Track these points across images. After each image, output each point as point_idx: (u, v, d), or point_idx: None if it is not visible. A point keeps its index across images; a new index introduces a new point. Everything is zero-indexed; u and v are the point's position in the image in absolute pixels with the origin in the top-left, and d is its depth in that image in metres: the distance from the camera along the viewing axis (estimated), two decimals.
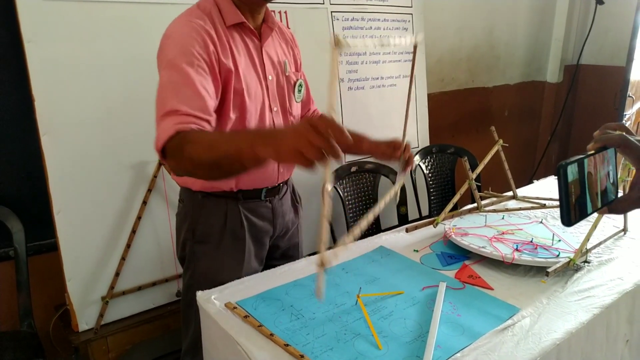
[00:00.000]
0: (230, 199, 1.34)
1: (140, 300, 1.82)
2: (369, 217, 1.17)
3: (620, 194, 0.79)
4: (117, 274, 1.73)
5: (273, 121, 1.35)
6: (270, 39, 1.34)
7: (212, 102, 1.13)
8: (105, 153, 1.70)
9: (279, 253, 1.54)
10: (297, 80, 1.41)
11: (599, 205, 0.76)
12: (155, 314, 1.83)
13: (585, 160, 0.73)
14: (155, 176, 1.77)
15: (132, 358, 1.93)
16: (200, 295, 1.21)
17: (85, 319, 1.71)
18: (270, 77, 1.33)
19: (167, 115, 1.06)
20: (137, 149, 1.75)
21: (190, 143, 0.99)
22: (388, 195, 1.39)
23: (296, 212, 1.56)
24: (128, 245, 1.74)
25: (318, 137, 0.77)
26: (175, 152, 1.02)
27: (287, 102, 1.38)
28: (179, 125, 1.03)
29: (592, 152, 0.75)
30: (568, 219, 0.71)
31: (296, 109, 1.44)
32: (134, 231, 1.74)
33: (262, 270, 1.42)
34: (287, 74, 1.38)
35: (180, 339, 1.46)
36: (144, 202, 1.76)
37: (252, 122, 1.29)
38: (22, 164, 1.77)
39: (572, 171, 0.70)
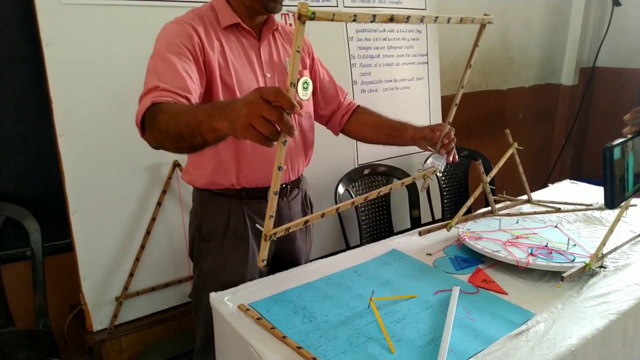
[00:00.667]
0: (234, 198, 1.35)
1: (154, 301, 1.83)
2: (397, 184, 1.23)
3: None
4: (131, 275, 1.75)
5: None
6: (269, 39, 1.37)
7: (193, 85, 1.14)
8: (121, 155, 1.72)
9: (282, 254, 1.50)
10: (301, 77, 1.40)
11: (636, 186, 0.77)
12: (168, 314, 1.84)
13: (629, 143, 0.73)
14: (169, 178, 1.78)
15: (146, 358, 1.95)
16: (213, 296, 1.21)
17: (99, 319, 1.73)
18: (268, 75, 1.35)
19: (147, 93, 1.09)
20: (152, 151, 1.72)
21: (161, 113, 1.00)
22: (421, 174, 1.38)
23: None
24: (142, 246, 1.76)
25: (269, 109, 0.77)
26: (149, 123, 1.03)
27: None
28: (155, 98, 1.05)
29: (631, 135, 0.76)
30: (612, 201, 0.73)
31: (304, 106, 1.43)
32: (148, 232, 1.76)
33: (269, 271, 1.43)
34: (288, 72, 1.38)
35: (192, 340, 1.47)
36: (159, 204, 1.77)
37: None
38: (39, 165, 1.80)
39: (616, 153, 0.71)
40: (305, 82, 1.41)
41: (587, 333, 1.05)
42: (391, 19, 0.89)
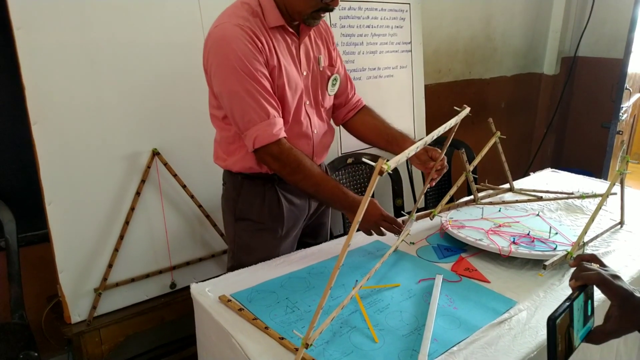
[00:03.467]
0: (267, 181, 1.43)
1: (134, 292, 1.80)
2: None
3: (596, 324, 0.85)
4: (110, 266, 1.71)
5: (307, 114, 1.43)
6: (306, 36, 1.41)
7: (277, 102, 1.32)
8: (98, 143, 1.67)
9: (309, 230, 1.62)
10: (332, 75, 1.48)
11: (581, 337, 0.82)
12: (148, 306, 1.81)
13: (574, 304, 0.78)
14: (148, 167, 1.74)
15: (126, 350, 1.92)
16: (194, 287, 1.19)
17: (77, 311, 1.69)
18: (304, 73, 1.40)
19: (261, 119, 1.27)
20: (130, 139, 1.72)
21: (302, 174, 1.30)
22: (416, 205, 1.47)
23: None
24: (121, 237, 1.72)
25: (388, 226, 1.34)
26: (285, 166, 1.30)
27: (320, 95, 1.46)
28: (279, 132, 1.29)
29: (577, 292, 0.81)
30: None
31: (328, 101, 1.50)
32: (127, 222, 1.72)
33: (296, 249, 1.53)
34: (321, 69, 1.44)
35: (173, 330, 1.46)
36: (137, 193, 1.73)
37: (290, 115, 1.38)
38: (13, 153, 1.74)
39: (560, 320, 0.75)
40: (335, 79, 1.49)
41: None
42: None
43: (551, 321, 0.75)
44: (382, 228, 1.33)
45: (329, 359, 0.94)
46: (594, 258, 0.89)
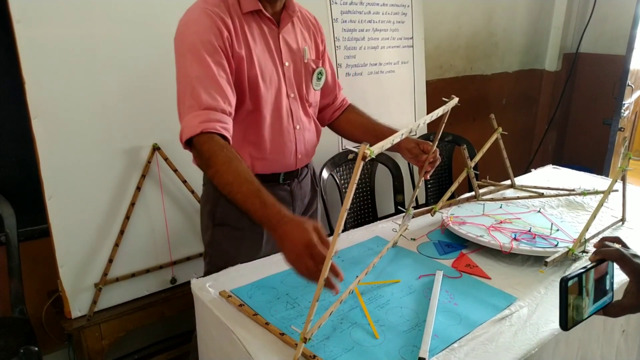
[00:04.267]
0: None
1: (134, 287, 1.80)
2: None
3: (615, 298, 0.89)
4: (110, 261, 1.71)
5: (290, 108, 1.37)
6: (289, 25, 1.35)
7: (230, 92, 1.20)
8: (98, 137, 1.66)
9: None
10: (317, 68, 1.42)
11: (595, 309, 0.87)
12: (148, 301, 1.81)
13: (586, 274, 0.83)
14: (149, 162, 1.74)
15: (126, 345, 1.92)
16: (194, 282, 1.19)
17: (78, 306, 1.69)
18: (287, 64, 1.34)
19: (192, 108, 1.13)
20: (131, 133, 1.72)
21: (214, 169, 1.08)
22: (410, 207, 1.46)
23: (315, 195, 1.57)
24: (121, 232, 1.72)
25: (312, 264, 0.89)
26: (201, 160, 1.12)
27: (304, 89, 1.40)
28: (204, 125, 1.11)
29: (593, 264, 0.85)
30: (565, 324, 0.82)
31: (313, 97, 1.45)
32: (127, 217, 1.72)
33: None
34: (305, 61, 1.39)
35: (174, 326, 1.45)
36: (138, 188, 1.73)
37: (268, 107, 1.30)
38: (13, 147, 1.74)
39: (571, 282, 0.81)
40: (320, 73, 1.43)
41: None
42: None
43: (563, 282, 0.80)
44: (308, 269, 0.90)
45: (329, 355, 0.94)
46: (617, 240, 0.92)
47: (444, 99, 1.33)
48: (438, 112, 1.26)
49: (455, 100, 1.33)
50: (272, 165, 1.37)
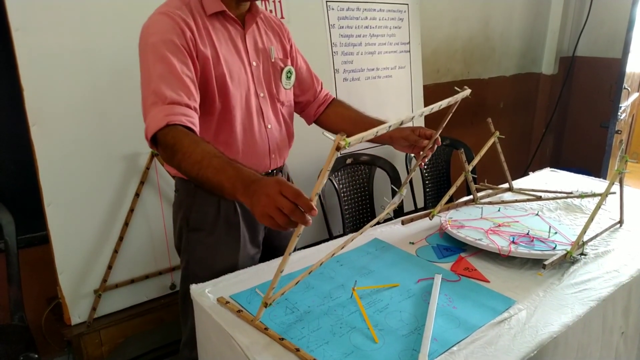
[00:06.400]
0: None
1: (134, 294, 1.80)
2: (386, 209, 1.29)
3: None
4: (109, 267, 1.71)
5: (260, 107, 1.36)
6: (254, 26, 1.35)
7: (194, 89, 1.18)
8: (97, 144, 1.67)
9: (275, 233, 1.49)
10: (285, 67, 1.41)
11: None
12: (148, 307, 1.81)
13: None
14: (147, 168, 1.74)
15: (125, 351, 1.92)
16: (194, 288, 1.19)
17: (77, 312, 1.69)
18: (254, 63, 1.34)
19: (155, 104, 1.11)
20: (129, 140, 1.72)
21: (181, 153, 1.05)
22: (403, 188, 1.45)
23: None
24: (121, 238, 1.72)
25: (286, 203, 0.86)
26: (166, 151, 1.09)
27: (274, 88, 1.39)
28: (168, 118, 1.08)
29: None
30: None
31: (285, 96, 1.44)
32: (126, 224, 1.72)
33: (260, 255, 1.43)
34: (273, 60, 1.38)
35: (173, 332, 1.45)
36: (137, 194, 1.73)
37: (238, 108, 1.30)
38: (12, 154, 1.74)
39: None
40: (289, 72, 1.42)
41: (568, 320, 1.06)
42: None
43: None
44: (281, 208, 0.87)
45: (329, 359, 0.94)
46: None
47: (456, 88, 1.31)
48: (446, 102, 1.24)
49: (467, 92, 1.30)
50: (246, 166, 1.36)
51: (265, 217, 0.89)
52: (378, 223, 1.43)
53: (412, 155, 1.44)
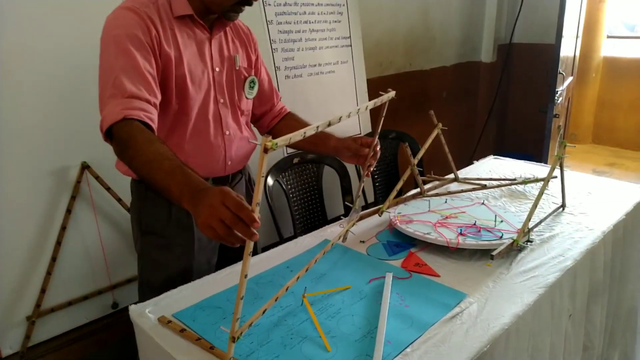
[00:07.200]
0: None
1: (72, 316, 1.69)
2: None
3: None
4: (42, 291, 1.59)
5: (219, 113, 1.34)
6: (221, 33, 1.34)
7: (155, 86, 1.16)
8: (21, 160, 1.55)
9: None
10: (249, 76, 1.41)
11: None
12: (89, 329, 1.72)
13: None
14: (78, 181, 1.63)
15: None
16: (133, 309, 1.11)
17: (9, 343, 1.57)
18: (217, 69, 1.33)
19: (114, 97, 1.08)
20: (56, 154, 1.61)
21: (133, 150, 1.02)
22: (356, 203, 1.44)
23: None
24: (53, 259, 1.61)
25: (228, 215, 0.83)
26: (119, 146, 1.06)
27: (236, 95, 1.38)
28: (126, 111, 1.06)
29: None
30: None
31: (246, 105, 1.43)
32: (59, 243, 1.61)
33: (217, 261, 1.42)
34: (237, 69, 1.38)
35: (119, 354, 1.37)
36: (68, 211, 1.62)
37: (195, 110, 1.28)
38: None
39: None
40: (252, 81, 1.42)
41: (518, 310, 1.06)
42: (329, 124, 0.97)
43: None
44: (223, 220, 0.84)
45: None
46: None
47: (380, 92, 1.32)
48: (371, 104, 1.25)
49: (392, 94, 1.32)
50: (197, 169, 1.31)
51: (207, 228, 0.86)
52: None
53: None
